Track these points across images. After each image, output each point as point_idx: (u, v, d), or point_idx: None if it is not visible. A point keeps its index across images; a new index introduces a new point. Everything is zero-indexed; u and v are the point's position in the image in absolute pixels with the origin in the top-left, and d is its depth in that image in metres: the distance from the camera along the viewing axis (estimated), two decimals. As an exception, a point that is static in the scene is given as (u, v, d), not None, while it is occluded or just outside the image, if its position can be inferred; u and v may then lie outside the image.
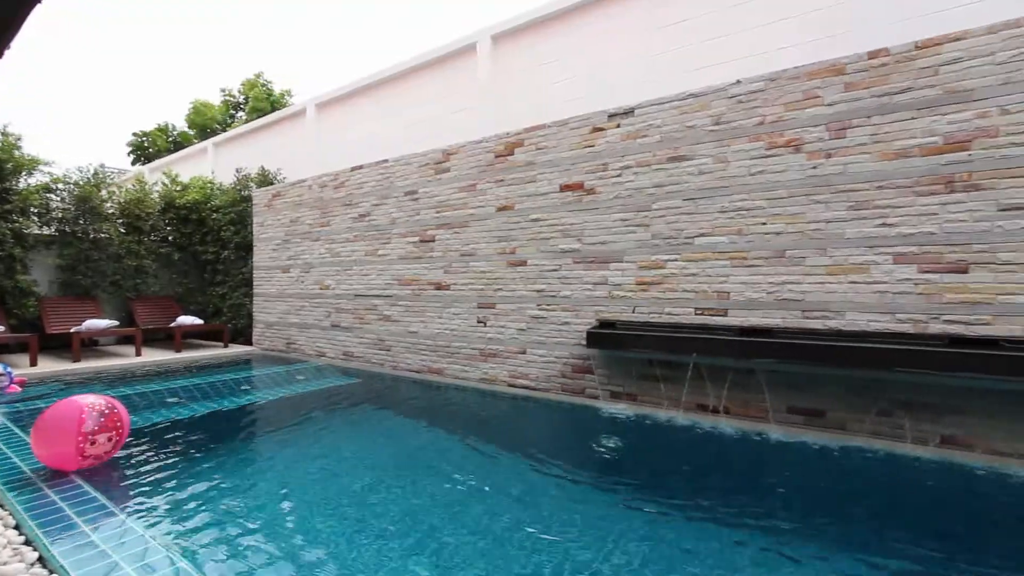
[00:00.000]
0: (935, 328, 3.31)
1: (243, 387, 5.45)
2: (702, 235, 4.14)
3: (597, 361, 4.65)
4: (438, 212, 5.92)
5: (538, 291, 5.07)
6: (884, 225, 3.46)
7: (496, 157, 5.45)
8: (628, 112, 4.57)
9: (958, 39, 3.27)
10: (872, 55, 3.54)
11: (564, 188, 4.93)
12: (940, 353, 3.12)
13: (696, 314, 4.17)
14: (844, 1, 4.38)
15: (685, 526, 2.40)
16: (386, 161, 6.52)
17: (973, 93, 3.22)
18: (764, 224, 3.89)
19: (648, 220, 4.41)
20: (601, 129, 4.72)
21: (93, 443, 2.80)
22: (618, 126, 4.62)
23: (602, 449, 3.53)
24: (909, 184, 3.39)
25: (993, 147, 3.15)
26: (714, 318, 4.09)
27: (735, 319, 4.00)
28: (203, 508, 2.49)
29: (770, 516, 2.50)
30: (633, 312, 4.48)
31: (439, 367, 5.85)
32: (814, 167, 3.69)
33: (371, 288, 6.62)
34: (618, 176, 4.59)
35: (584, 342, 4.51)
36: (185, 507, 2.50)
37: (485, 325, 5.46)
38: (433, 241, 5.95)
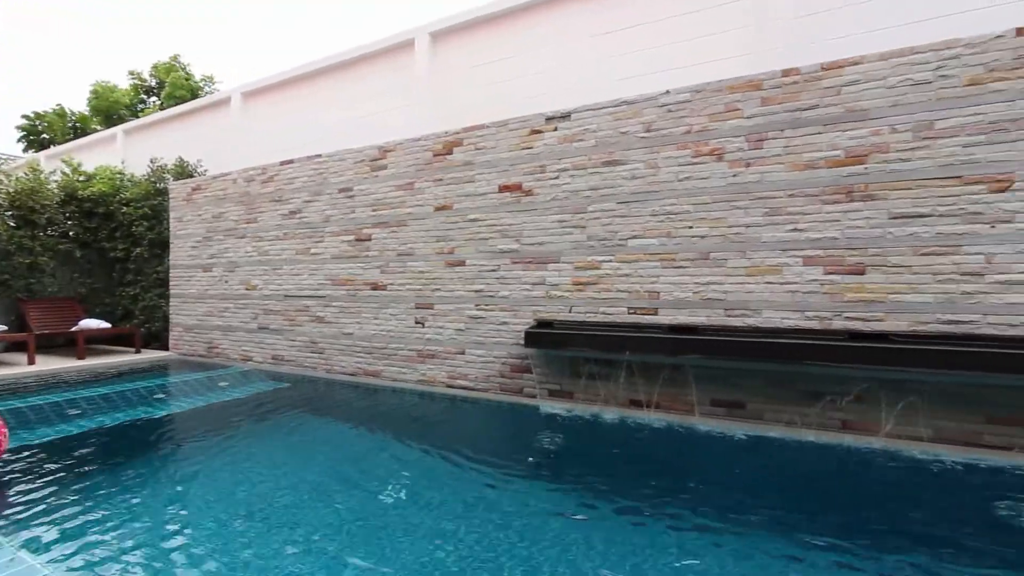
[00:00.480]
0: (837, 324, 3.64)
1: (156, 396, 5.03)
2: (634, 237, 4.31)
3: (535, 360, 4.72)
4: (374, 210, 5.76)
5: (476, 291, 5.06)
6: (795, 230, 3.76)
7: (434, 156, 5.38)
8: (565, 116, 4.67)
9: (856, 63, 3.62)
10: (785, 73, 3.83)
11: (503, 189, 4.95)
12: (841, 347, 3.44)
13: (629, 313, 4.33)
14: (763, 22, 4.70)
15: (613, 519, 2.48)
16: (319, 156, 6.26)
17: (868, 112, 3.57)
18: (691, 228, 4.11)
19: (584, 222, 4.53)
20: (539, 131, 4.79)
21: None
22: (555, 129, 4.71)
23: (541, 447, 3.58)
24: (816, 193, 3.70)
25: (885, 161, 3.52)
26: (646, 317, 4.27)
27: (665, 318, 4.19)
28: (98, 533, 2.28)
29: (694, 501, 2.64)
30: (570, 312, 4.58)
31: (376, 369, 5.69)
32: (735, 175, 3.94)
33: (302, 288, 6.33)
34: (555, 178, 4.68)
35: (522, 342, 4.56)
36: (77, 533, 2.27)
37: (423, 326, 5.38)
38: (369, 240, 5.78)
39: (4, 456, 3.00)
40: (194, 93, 16.93)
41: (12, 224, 7.59)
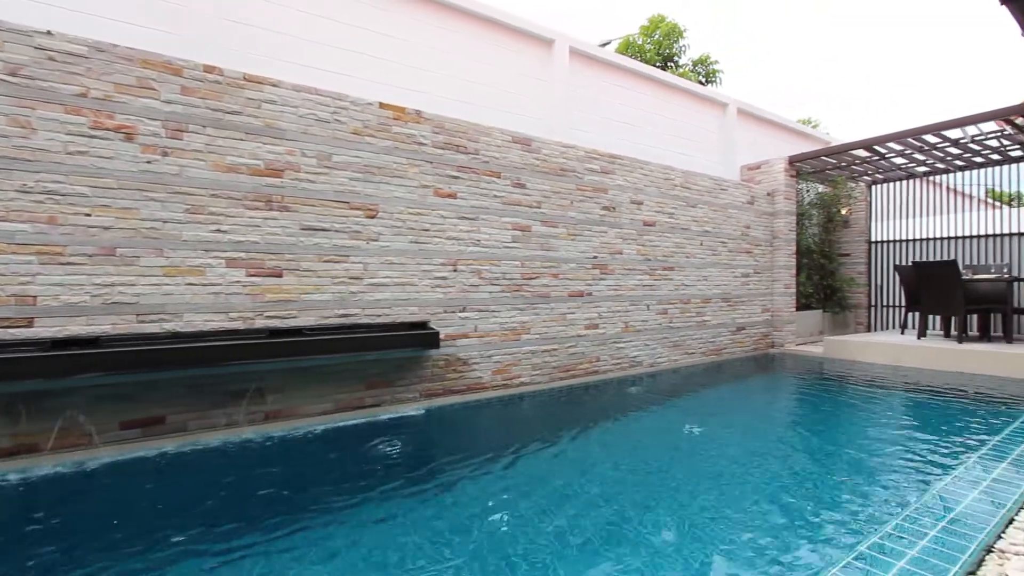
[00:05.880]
0: (260, 323, 3.89)
1: None
2: (-12, 219, 3.04)
3: None
4: None
5: None
6: (218, 231, 3.72)
7: None
8: None
9: (275, 85, 3.98)
10: (208, 69, 3.73)
11: None
12: (263, 344, 3.70)
13: (-22, 327, 3.02)
14: (184, 6, 4.36)
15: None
16: None
17: (285, 133, 4.01)
18: (88, 215, 3.31)
19: None
20: None
21: None
22: None
23: None
24: (239, 197, 3.81)
25: (298, 179, 4.05)
26: (11, 331, 3.09)
27: (46, 329, 3.19)
28: None
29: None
30: None
31: None
32: (149, 162, 3.49)
33: None
34: None
35: None
36: None
37: None
38: None
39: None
40: None
41: None
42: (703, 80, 15.00)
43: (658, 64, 14.52)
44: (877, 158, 8.23)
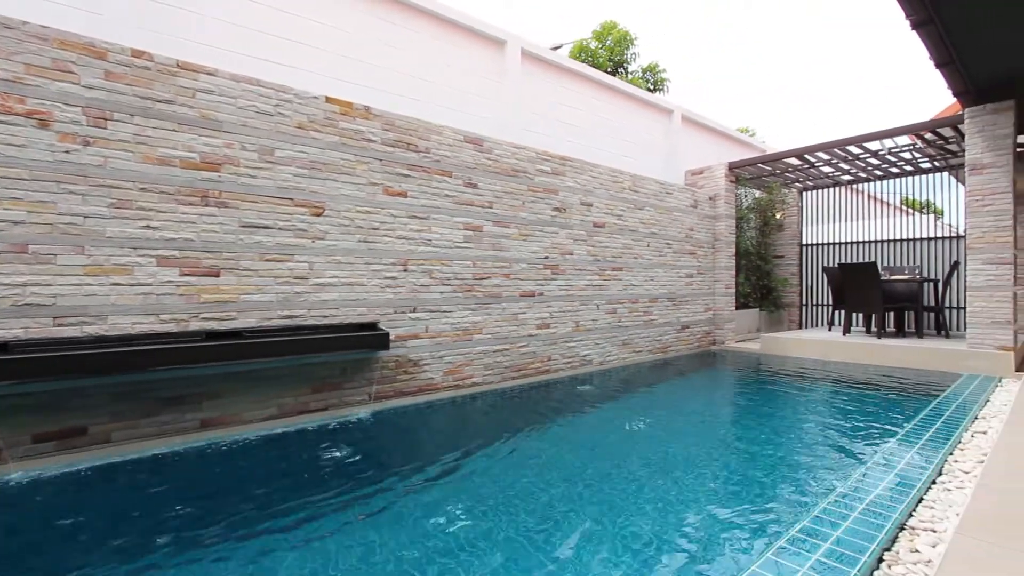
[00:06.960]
0: (195, 325, 3.67)
1: None
2: None
3: None
4: None
5: None
6: (148, 228, 3.48)
7: None
8: None
9: (211, 74, 3.77)
10: (136, 54, 3.48)
11: None
12: (199, 348, 3.49)
13: None
14: (111, -16, 4.08)
15: None
16: None
17: (223, 125, 3.80)
18: (-5, 208, 3.01)
19: None
20: None
21: None
22: None
23: None
24: (172, 192, 3.58)
25: (236, 174, 3.85)
26: (-100, 336, 2.77)
27: (-57, 335, 2.88)
28: None
29: None
30: None
31: None
32: (67, 151, 3.21)
33: None
34: None
35: None
36: None
37: None
38: None
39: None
40: None
41: None
42: (651, 87, 15.50)
43: (609, 70, 14.88)
44: (808, 166, 8.80)
